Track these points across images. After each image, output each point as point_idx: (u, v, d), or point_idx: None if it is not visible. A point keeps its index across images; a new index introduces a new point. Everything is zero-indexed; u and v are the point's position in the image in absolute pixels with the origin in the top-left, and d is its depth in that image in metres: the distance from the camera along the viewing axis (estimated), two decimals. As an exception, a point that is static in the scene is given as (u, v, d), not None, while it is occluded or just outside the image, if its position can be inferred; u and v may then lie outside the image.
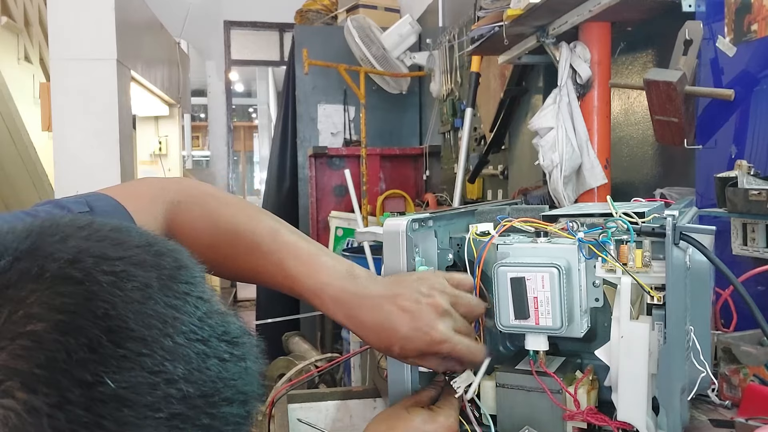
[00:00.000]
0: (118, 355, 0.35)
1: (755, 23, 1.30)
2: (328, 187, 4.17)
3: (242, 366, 0.42)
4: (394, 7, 4.69)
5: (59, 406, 0.33)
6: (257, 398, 0.44)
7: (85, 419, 0.33)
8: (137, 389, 0.35)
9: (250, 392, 0.43)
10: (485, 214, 0.90)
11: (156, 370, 0.36)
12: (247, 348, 0.43)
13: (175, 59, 5.15)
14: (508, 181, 2.86)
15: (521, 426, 0.80)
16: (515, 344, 0.90)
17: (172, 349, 0.37)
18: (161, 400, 0.36)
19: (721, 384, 0.92)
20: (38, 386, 0.33)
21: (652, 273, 0.71)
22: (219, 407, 0.39)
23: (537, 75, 2.49)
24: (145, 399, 0.35)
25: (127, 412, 0.34)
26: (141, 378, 0.35)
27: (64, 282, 0.36)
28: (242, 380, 0.42)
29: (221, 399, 0.40)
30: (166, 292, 0.39)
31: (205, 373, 0.39)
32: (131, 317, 0.36)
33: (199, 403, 0.38)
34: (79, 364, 0.34)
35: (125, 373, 0.35)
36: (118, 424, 0.34)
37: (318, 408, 1.27)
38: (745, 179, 1.20)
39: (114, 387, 0.34)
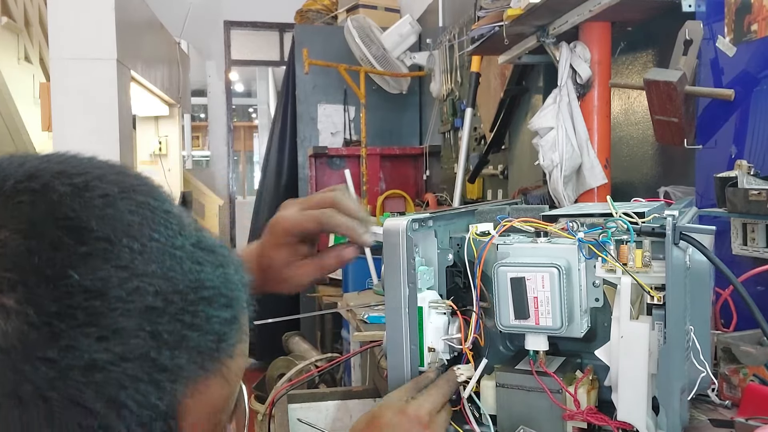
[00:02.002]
0: (81, 252, 0.36)
1: (755, 23, 1.30)
2: (328, 186, 4.17)
3: (221, 271, 0.42)
4: (394, 7, 4.69)
5: (27, 301, 0.34)
6: (243, 304, 0.44)
7: (54, 309, 0.34)
8: (106, 282, 0.36)
9: (234, 297, 0.43)
10: (485, 214, 0.90)
11: (123, 265, 0.37)
12: (225, 258, 0.43)
13: (175, 59, 5.15)
14: (508, 181, 2.86)
15: (521, 426, 0.80)
16: (515, 344, 0.90)
17: (140, 249, 0.38)
18: (133, 292, 0.36)
19: (721, 384, 0.92)
20: (5, 287, 0.34)
21: (652, 273, 0.71)
22: (198, 305, 0.40)
23: (537, 75, 2.49)
24: (116, 291, 0.36)
25: (96, 302, 0.35)
26: (108, 272, 0.36)
27: (21, 193, 0.37)
28: (223, 284, 0.42)
29: (200, 298, 0.40)
30: (128, 202, 0.39)
31: (179, 272, 0.39)
32: (93, 220, 0.37)
33: (175, 299, 0.38)
34: (42, 261, 0.35)
35: (90, 267, 0.36)
36: (88, 314, 0.35)
37: (318, 408, 1.27)
38: (745, 179, 1.20)
39: (78, 278, 0.35)
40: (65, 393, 0.35)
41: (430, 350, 0.81)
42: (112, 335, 0.36)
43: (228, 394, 0.44)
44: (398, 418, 0.71)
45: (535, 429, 0.79)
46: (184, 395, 0.39)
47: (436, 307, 0.82)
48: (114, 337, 0.36)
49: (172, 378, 0.38)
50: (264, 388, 2.94)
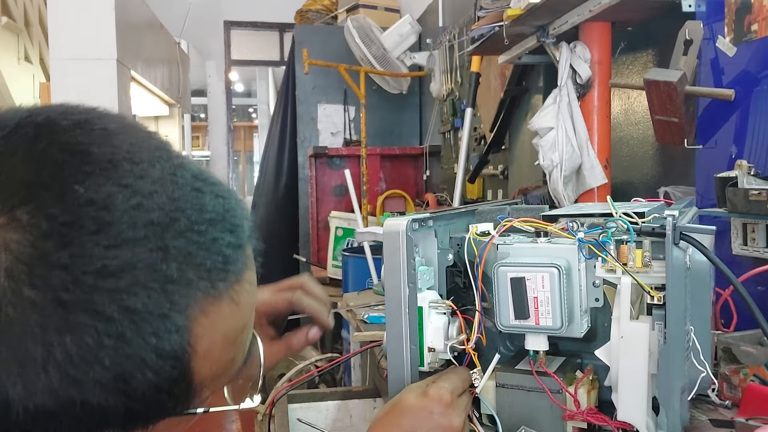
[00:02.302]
0: (85, 170, 0.38)
1: (755, 23, 1.30)
2: (328, 187, 4.18)
3: (223, 201, 0.44)
4: (394, 7, 4.69)
5: (39, 213, 0.37)
6: (248, 233, 0.45)
7: (63, 219, 0.37)
8: (110, 197, 0.38)
9: (238, 224, 0.44)
10: (485, 214, 0.90)
11: (126, 184, 0.39)
12: (227, 191, 0.45)
13: (175, 59, 5.15)
14: (508, 181, 2.86)
15: (521, 426, 0.80)
16: (515, 344, 0.90)
17: (141, 173, 0.40)
18: (137, 207, 0.39)
19: (721, 384, 0.92)
20: (16, 205, 0.37)
21: (652, 273, 0.71)
22: (202, 225, 0.41)
23: (537, 75, 2.49)
24: (121, 205, 0.38)
25: (103, 213, 0.38)
26: (111, 188, 0.38)
27: (25, 126, 0.40)
28: (226, 212, 0.43)
29: (204, 219, 0.41)
30: (128, 135, 0.42)
31: (181, 195, 0.41)
32: (95, 146, 0.40)
33: (179, 216, 0.40)
34: (49, 179, 0.38)
35: (94, 183, 0.38)
36: (96, 223, 0.37)
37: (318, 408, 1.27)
38: (745, 179, 1.20)
39: (84, 191, 0.37)
40: (80, 297, 0.36)
41: (430, 350, 0.81)
42: (120, 243, 0.38)
43: (240, 324, 0.45)
44: (420, 399, 0.73)
45: (535, 429, 0.79)
46: (196, 313, 0.41)
47: (436, 307, 0.82)
48: (123, 246, 0.38)
49: (182, 292, 0.40)
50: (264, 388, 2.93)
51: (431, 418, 0.72)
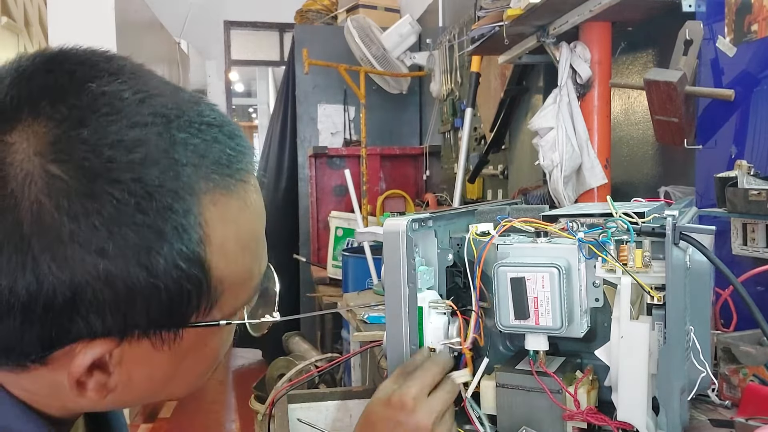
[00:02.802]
0: (93, 74, 0.44)
1: (755, 23, 1.30)
2: (328, 187, 4.17)
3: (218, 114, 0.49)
4: (394, 7, 4.69)
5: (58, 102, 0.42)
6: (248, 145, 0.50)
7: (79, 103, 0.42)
8: (119, 92, 0.44)
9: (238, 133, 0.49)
10: (485, 214, 0.90)
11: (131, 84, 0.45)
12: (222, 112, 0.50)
13: (175, 59, 5.15)
14: (508, 181, 2.86)
15: (521, 426, 0.80)
16: (515, 344, 0.90)
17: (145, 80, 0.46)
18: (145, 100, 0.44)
19: (721, 384, 0.92)
20: (41, 101, 0.42)
21: (652, 273, 0.71)
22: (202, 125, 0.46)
23: (537, 75, 2.49)
24: (130, 97, 0.44)
25: (115, 101, 0.43)
26: (120, 86, 0.44)
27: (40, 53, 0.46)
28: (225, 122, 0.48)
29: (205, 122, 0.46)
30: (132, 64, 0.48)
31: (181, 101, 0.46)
32: (101, 61, 0.46)
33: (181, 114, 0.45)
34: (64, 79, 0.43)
35: (104, 81, 0.44)
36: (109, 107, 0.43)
37: (318, 408, 1.27)
38: (745, 179, 1.20)
39: (95, 86, 0.43)
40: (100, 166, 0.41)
41: (430, 350, 0.81)
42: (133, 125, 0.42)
43: (251, 228, 0.49)
44: (383, 409, 0.71)
45: (535, 429, 0.79)
46: (206, 200, 0.45)
47: (436, 307, 0.82)
48: (135, 127, 0.42)
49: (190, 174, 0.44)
50: (264, 388, 2.94)
51: (396, 429, 0.69)
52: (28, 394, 0.47)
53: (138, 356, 0.46)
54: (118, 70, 0.45)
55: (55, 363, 0.44)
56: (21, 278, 0.40)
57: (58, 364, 0.44)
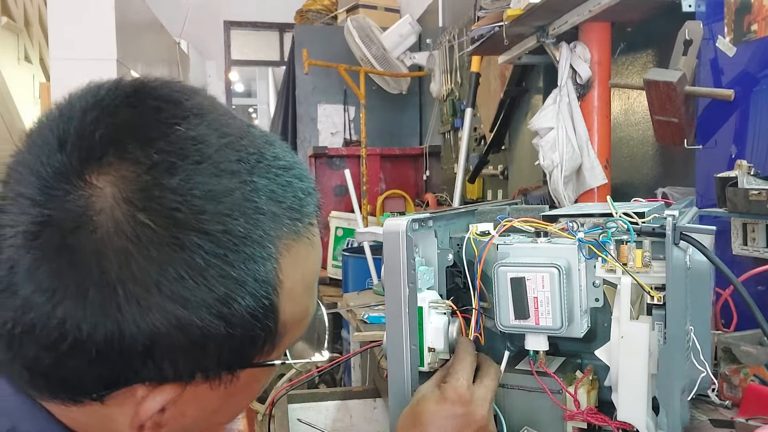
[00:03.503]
0: (179, 114, 0.44)
1: (755, 23, 1.30)
2: (328, 187, 4.17)
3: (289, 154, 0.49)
4: (394, 7, 4.69)
5: (147, 146, 0.42)
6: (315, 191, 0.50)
7: (170, 149, 0.42)
8: (205, 135, 0.43)
9: (307, 174, 0.50)
10: (485, 214, 0.90)
11: (215, 127, 0.45)
12: (290, 148, 0.50)
13: (175, 59, 5.15)
14: (508, 181, 2.86)
15: (521, 426, 0.80)
16: (515, 344, 0.90)
17: (226, 120, 0.46)
18: (228, 145, 0.44)
19: (721, 384, 0.92)
20: (128, 143, 0.42)
21: (652, 273, 0.71)
22: (277, 169, 0.46)
23: (537, 75, 2.49)
24: (215, 142, 0.44)
25: (202, 147, 0.43)
26: (204, 129, 0.44)
27: (120, 85, 0.45)
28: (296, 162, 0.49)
29: (279, 166, 0.47)
30: (203, 94, 0.48)
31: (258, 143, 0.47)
32: (184, 98, 0.45)
33: (260, 159, 0.45)
34: (151, 121, 0.43)
35: (191, 123, 0.43)
36: (198, 154, 0.42)
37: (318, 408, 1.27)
38: (745, 179, 1.20)
39: (184, 130, 0.43)
40: (191, 218, 0.41)
41: (430, 350, 0.81)
42: (220, 173, 0.42)
43: (314, 269, 0.50)
44: (440, 406, 0.69)
45: (535, 429, 0.79)
46: (282, 247, 0.45)
47: (436, 307, 0.82)
48: (222, 175, 0.43)
49: (271, 223, 0.44)
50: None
51: (456, 422, 0.68)
52: (79, 426, 0.46)
53: (195, 395, 0.46)
54: (201, 110, 0.45)
55: (113, 400, 0.44)
56: (102, 324, 0.40)
57: (116, 401, 0.44)
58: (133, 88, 0.45)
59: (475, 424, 0.68)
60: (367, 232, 2.19)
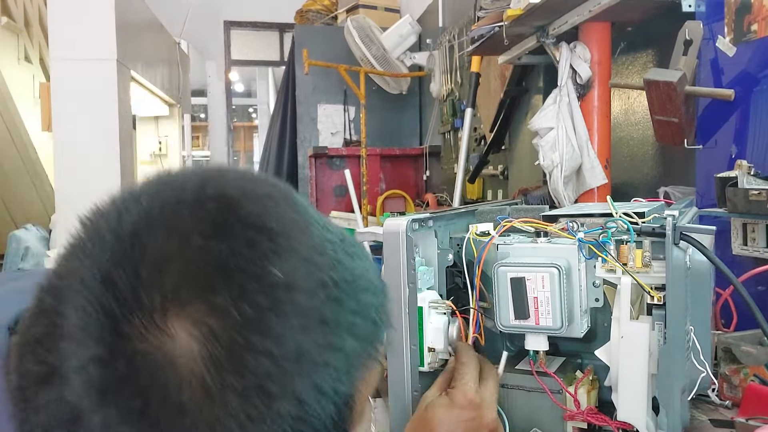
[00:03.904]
0: (272, 248, 0.38)
1: (755, 23, 1.30)
2: (328, 187, 4.17)
3: (367, 262, 0.46)
4: (394, 7, 4.69)
5: (242, 296, 0.36)
6: (385, 292, 0.47)
7: (265, 304, 0.37)
8: (297, 276, 0.38)
9: (381, 285, 0.46)
10: (485, 214, 0.90)
11: (307, 258, 0.40)
12: (362, 250, 0.47)
13: (175, 59, 5.15)
14: (508, 181, 2.86)
15: (521, 426, 0.80)
16: (515, 344, 0.90)
17: (312, 244, 0.41)
18: (318, 285, 0.39)
19: (722, 384, 0.92)
20: (217, 287, 0.36)
21: (652, 273, 0.71)
22: (359, 294, 0.43)
23: (537, 75, 2.49)
24: (306, 283, 0.39)
25: (295, 295, 0.38)
26: (297, 265, 0.39)
27: (204, 201, 0.39)
28: (371, 274, 0.45)
29: (360, 288, 0.43)
30: (288, 202, 0.43)
31: (343, 264, 0.42)
32: (271, 219, 0.40)
33: (345, 288, 0.41)
34: (244, 260, 0.37)
35: (284, 263, 0.38)
36: (292, 304, 0.38)
37: (318, 408, 1.26)
38: (745, 179, 1.20)
39: (280, 275, 0.38)
40: (284, 386, 0.37)
41: (430, 350, 0.81)
42: (312, 326, 0.38)
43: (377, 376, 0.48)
44: (448, 411, 0.69)
45: (536, 429, 0.79)
46: (359, 383, 0.43)
47: (436, 307, 0.82)
48: (314, 329, 0.38)
49: (354, 364, 0.41)
50: None
51: (468, 426, 0.68)
52: None
53: None
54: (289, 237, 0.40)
55: None
56: None
57: None
58: (219, 210, 0.39)
59: (485, 428, 0.69)
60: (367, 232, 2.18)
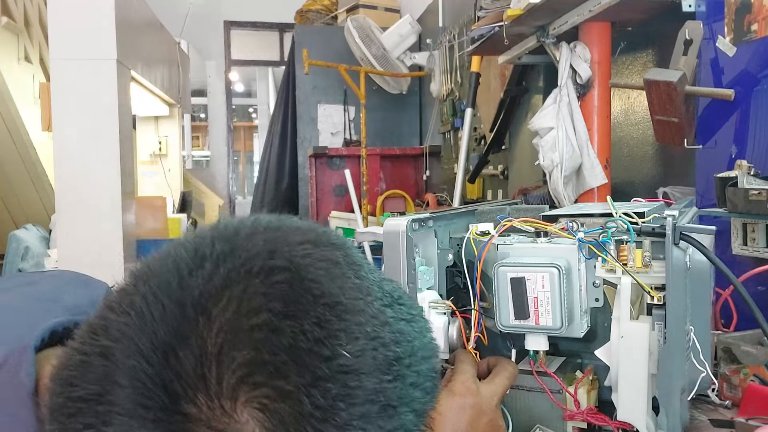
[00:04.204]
0: (343, 328, 0.37)
1: (755, 23, 1.30)
2: (328, 187, 4.17)
3: (421, 324, 0.44)
4: (394, 7, 4.69)
5: (313, 384, 0.34)
6: (437, 352, 0.46)
7: (335, 391, 0.35)
8: (366, 358, 0.37)
9: (435, 347, 0.45)
10: (485, 214, 0.90)
11: (374, 336, 0.38)
12: (414, 307, 0.45)
13: (175, 59, 5.15)
14: (508, 181, 2.86)
15: (521, 425, 0.80)
16: (515, 344, 0.90)
17: (376, 314, 0.39)
18: (384, 363, 0.38)
19: (721, 384, 0.92)
20: (287, 371, 0.34)
21: (652, 273, 0.71)
22: (419, 365, 0.41)
23: (537, 75, 2.49)
24: (374, 366, 0.37)
25: (364, 380, 0.36)
26: (365, 346, 0.37)
27: (272, 272, 0.37)
28: (425, 336, 0.44)
29: (419, 358, 0.42)
30: (351, 266, 0.41)
31: (404, 334, 0.41)
32: (339, 292, 0.38)
33: (407, 362, 0.40)
34: (316, 342, 0.35)
35: (354, 343, 0.36)
36: (362, 391, 0.36)
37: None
38: (745, 179, 1.20)
39: (350, 357, 0.36)
40: None
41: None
42: (377, 410, 0.37)
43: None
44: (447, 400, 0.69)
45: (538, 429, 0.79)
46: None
47: (436, 307, 0.82)
48: (378, 413, 0.37)
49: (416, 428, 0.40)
50: None
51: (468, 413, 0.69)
52: None
53: None
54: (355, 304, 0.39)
55: None
56: None
57: None
58: (289, 284, 0.37)
59: (486, 415, 0.69)
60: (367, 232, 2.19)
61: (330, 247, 0.42)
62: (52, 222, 3.82)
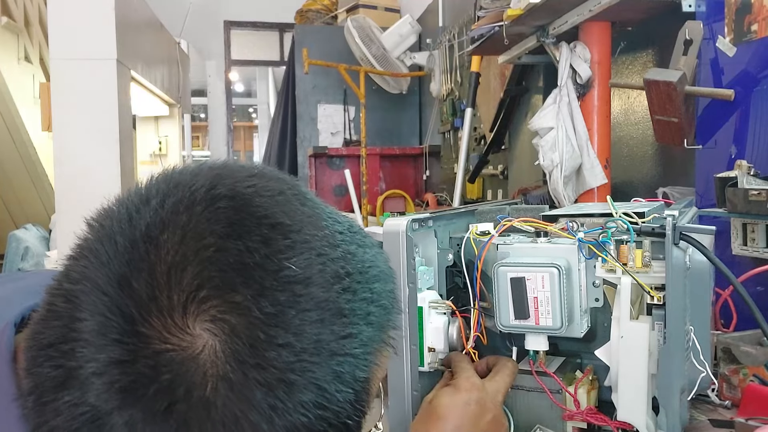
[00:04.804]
0: (287, 244, 0.39)
1: (755, 23, 1.30)
2: (328, 186, 4.17)
3: (376, 250, 0.47)
4: (394, 7, 4.69)
5: (261, 293, 0.37)
6: (394, 277, 0.49)
7: (283, 299, 0.37)
8: (313, 270, 0.39)
9: (391, 271, 0.48)
10: (485, 214, 0.90)
11: (321, 252, 0.41)
12: (370, 238, 0.48)
13: (175, 59, 5.15)
14: (508, 181, 2.86)
15: (521, 425, 0.80)
16: (515, 344, 0.90)
17: (324, 236, 0.42)
18: (333, 277, 0.40)
19: (721, 384, 0.92)
20: (234, 284, 0.37)
21: (652, 273, 0.71)
22: (372, 282, 0.44)
23: (537, 75, 2.49)
24: (322, 277, 0.40)
25: (312, 288, 0.39)
26: (312, 260, 0.40)
27: (215, 199, 0.40)
28: (381, 261, 0.46)
29: (372, 276, 0.44)
30: (298, 197, 0.43)
31: (354, 255, 0.44)
32: (283, 214, 0.40)
33: (358, 278, 0.42)
34: (261, 257, 0.38)
35: (300, 257, 0.39)
36: (309, 298, 0.38)
37: (318, 408, 1.26)
38: (745, 179, 1.20)
39: (296, 269, 0.38)
40: (302, 374, 0.37)
41: (430, 350, 0.81)
42: (328, 317, 0.39)
43: (389, 359, 0.49)
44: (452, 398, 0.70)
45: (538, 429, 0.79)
46: (375, 367, 0.44)
47: (436, 307, 0.82)
48: (330, 319, 0.39)
49: (369, 351, 0.42)
50: None
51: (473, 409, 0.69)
52: None
53: None
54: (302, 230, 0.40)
55: None
56: None
57: None
58: (232, 208, 0.39)
59: (489, 412, 0.70)
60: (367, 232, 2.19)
61: (276, 180, 0.43)
62: (52, 222, 3.82)
